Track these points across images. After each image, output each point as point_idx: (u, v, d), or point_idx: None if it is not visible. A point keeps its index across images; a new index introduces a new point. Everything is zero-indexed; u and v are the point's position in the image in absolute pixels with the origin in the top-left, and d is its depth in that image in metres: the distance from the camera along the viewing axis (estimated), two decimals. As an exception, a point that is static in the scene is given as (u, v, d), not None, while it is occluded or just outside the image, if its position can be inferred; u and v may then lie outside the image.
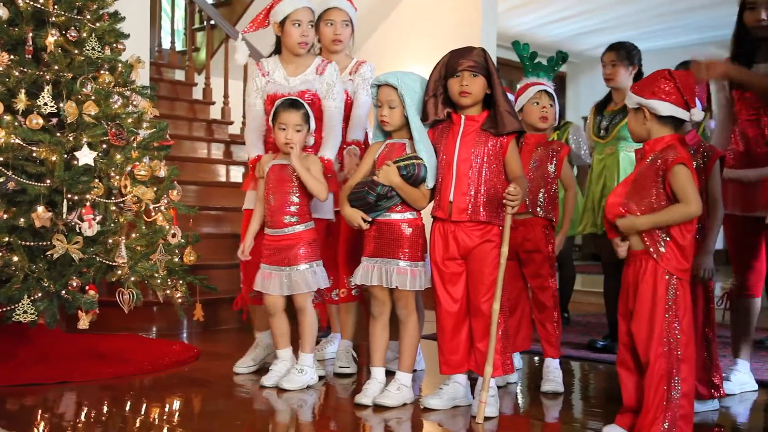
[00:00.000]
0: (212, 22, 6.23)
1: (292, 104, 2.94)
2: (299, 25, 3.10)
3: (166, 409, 2.74)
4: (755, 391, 3.01)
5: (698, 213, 2.19)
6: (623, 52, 3.76)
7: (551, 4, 7.80)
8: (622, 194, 2.31)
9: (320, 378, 3.08)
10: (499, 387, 3.07)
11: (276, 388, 2.92)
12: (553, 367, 3.04)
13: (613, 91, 3.86)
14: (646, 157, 2.31)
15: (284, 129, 2.90)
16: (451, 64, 2.65)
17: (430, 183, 2.68)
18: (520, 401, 2.99)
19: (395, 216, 2.72)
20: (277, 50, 3.27)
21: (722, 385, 2.70)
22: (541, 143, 3.10)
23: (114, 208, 3.55)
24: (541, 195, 3.04)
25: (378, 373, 2.80)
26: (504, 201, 2.51)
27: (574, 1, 7.66)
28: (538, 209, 3.03)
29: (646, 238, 2.22)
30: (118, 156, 3.53)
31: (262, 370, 3.16)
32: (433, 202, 2.70)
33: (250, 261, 3.08)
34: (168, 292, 3.65)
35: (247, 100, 3.31)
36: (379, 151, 2.80)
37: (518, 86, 3.24)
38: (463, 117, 2.67)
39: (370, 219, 2.72)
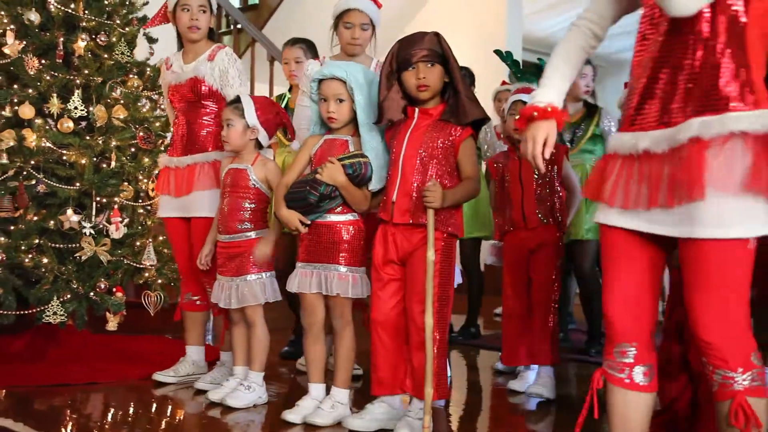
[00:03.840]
0: (239, 26, 6.27)
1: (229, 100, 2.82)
2: (188, 9, 2.95)
3: (192, 411, 2.73)
4: None
5: None
6: None
7: (576, 7, 7.72)
8: None
9: None
10: (520, 391, 2.97)
11: (221, 404, 2.70)
12: (543, 373, 2.91)
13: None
14: None
15: (224, 125, 2.74)
16: (403, 56, 2.36)
17: (375, 184, 2.45)
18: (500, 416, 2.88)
19: (334, 217, 2.48)
20: (181, 43, 3.13)
21: None
22: None
23: (141, 210, 3.59)
24: (553, 202, 2.97)
25: (314, 389, 2.56)
26: (423, 197, 2.27)
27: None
28: (550, 218, 2.97)
29: None
30: (146, 159, 3.57)
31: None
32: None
33: (192, 267, 2.97)
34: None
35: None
36: (317, 146, 2.55)
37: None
38: (417, 111, 2.40)
39: (309, 222, 2.48)
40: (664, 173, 1.60)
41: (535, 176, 2.98)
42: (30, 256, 3.24)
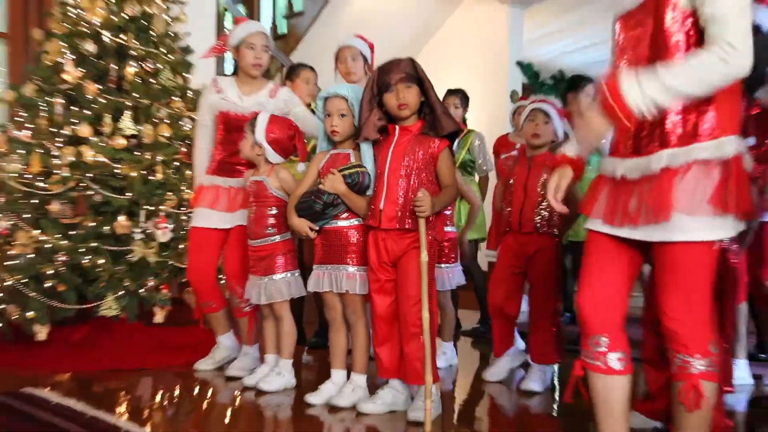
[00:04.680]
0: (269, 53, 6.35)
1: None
2: (253, 48, 2.97)
3: (230, 394, 2.76)
4: (752, 384, 2.99)
5: None
6: None
7: (570, 36, 7.73)
8: None
9: None
10: (491, 382, 2.98)
11: (254, 388, 2.76)
12: (537, 368, 2.87)
13: None
14: None
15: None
16: (383, 80, 2.38)
17: (373, 191, 2.47)
18: (494, 394, 2.85)
19: (342, 223, 2.51)
20: (235, 73, 3.12)
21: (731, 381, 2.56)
22: (548, 161, 2.86)
23: (184, 217, 3.63)
24: (552, 213, 2.82)
25: (336, 374, 2.61)
26: (414, 207, 2.29)
27: (590, 33, 7.59)
28: (547, 227, 2.84)
29: None
30: (188, 172, 3.62)
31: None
32: None
33: (198, 276, 3.02)
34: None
35: (198, 116, 3.15)
36: (323, 161, 2.57)
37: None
38: (397, 128, 2.43)
39: (317, 228, 2.52)
40: (637, 197, 1.64)
41: (539, 187, 2.85)
42: (88, 257, 3.30)
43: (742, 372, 2.97)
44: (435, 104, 2.40)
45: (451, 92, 4.11)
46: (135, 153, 3.51)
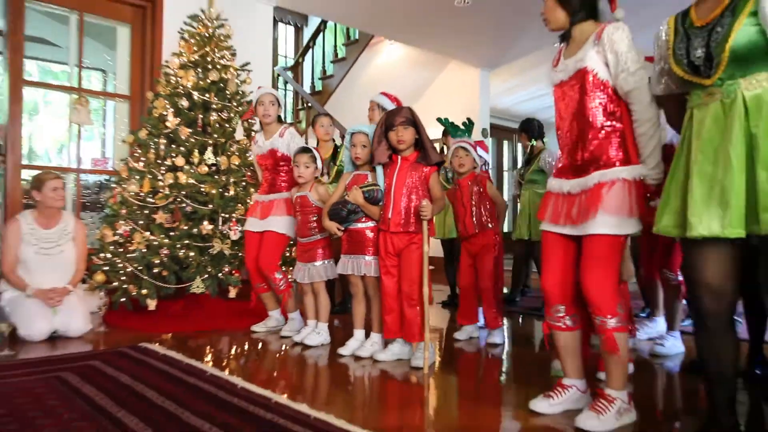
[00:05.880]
0: (309, 104, 6.43)
1: (303, 150, 2.82)
2: (263, 104, 2.99)
3: (282, 347, 2.77)
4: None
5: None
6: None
7: (527, 88, 7.77)
8: None
9: None
10: (462, 339, 3.00)
11: (301, 344, 2.81)
12: (495, 330, 2.92)
13: None
14: None
15: (297, 166, 2.79)
16: (389, 122, 2.41)
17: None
18: (471, 349, 2.83)
19: (361, 225, 2.54)
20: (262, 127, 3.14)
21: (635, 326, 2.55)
22: (471, 180, 2.93)
23: (249, 223, 3.68)
24: (482, 214, 2.89)
25: (358, 333, 2.64)
26: (420, 212, 2.33)
27: (540, 87, 7.59)
28: (487, 224, 2.90)
29: None
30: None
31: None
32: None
33: (250, 265, 3.00)
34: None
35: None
36: (349, 179, 2.60)
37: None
38: (399, 158, 2.46)
39: (343, 228, 2.56)
40: (577, 204, 1.72)
41: (471, 199, 2.89)
42: (182, 251, 3.33)
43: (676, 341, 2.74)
44: (425, 141, 2.43)
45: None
46: (215, 176, 3.54)
